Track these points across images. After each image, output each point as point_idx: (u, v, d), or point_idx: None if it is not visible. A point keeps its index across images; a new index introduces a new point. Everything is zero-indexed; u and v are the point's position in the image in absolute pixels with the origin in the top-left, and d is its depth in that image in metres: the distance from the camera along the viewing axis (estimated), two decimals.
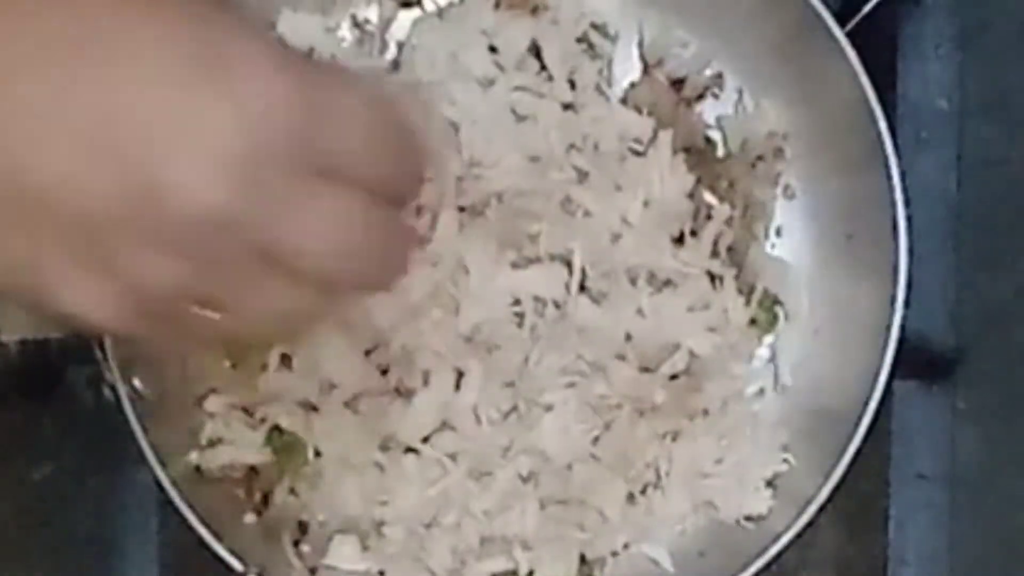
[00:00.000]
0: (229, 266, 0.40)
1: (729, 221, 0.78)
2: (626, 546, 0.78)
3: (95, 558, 0.79)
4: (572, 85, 0.77)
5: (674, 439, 0.76)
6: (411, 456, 0.76)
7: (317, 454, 0.76)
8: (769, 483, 0.77)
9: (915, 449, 0.79)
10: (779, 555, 0.73)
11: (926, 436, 0.79)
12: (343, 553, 0.76)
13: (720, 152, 0.79)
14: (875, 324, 0.73)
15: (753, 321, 0.78)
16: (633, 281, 0.75)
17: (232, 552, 0.73)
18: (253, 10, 0.76)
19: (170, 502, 0.72)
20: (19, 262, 0.39)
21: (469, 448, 0.75)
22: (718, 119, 0.79)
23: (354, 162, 0.42)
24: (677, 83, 0.79)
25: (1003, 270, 0.79)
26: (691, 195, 0.77)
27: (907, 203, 0.73)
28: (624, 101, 0.78)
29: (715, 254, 0.77)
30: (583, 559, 0.77)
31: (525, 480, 0.76)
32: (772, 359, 0.79)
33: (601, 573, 0.78)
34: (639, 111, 0.78)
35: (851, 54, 0.73)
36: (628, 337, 0.76)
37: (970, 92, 0.79)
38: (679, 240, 0.77)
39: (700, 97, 0.79)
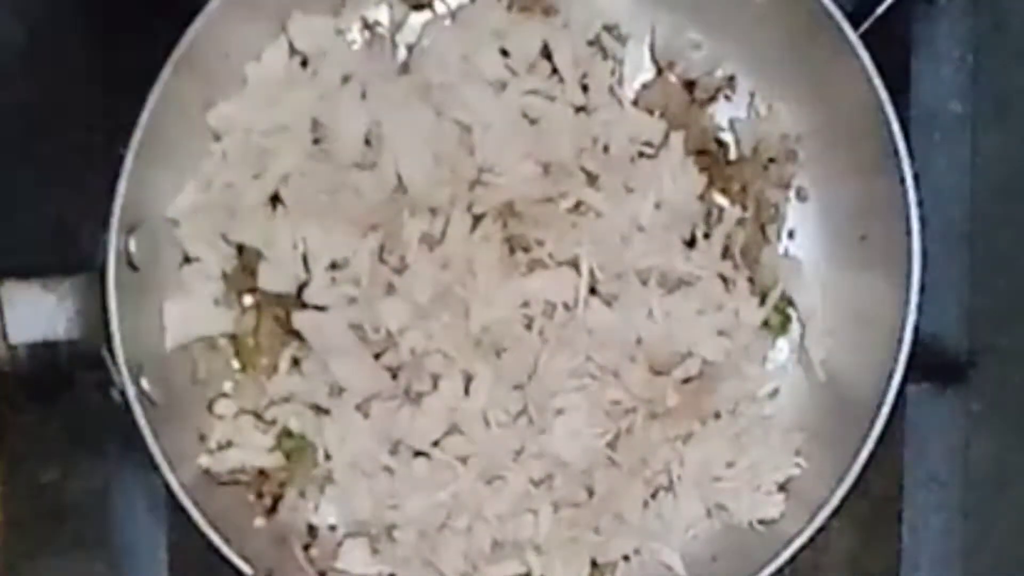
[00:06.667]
0: None
1: (741, 223, 0.78)
2: (637, 551, 0.77)
3: (104, 561, 0.79)
4: (584, 88, 0.77)
5: (686, 442, 0.76)
6: (421, 460, 0.75)
7: (327, 457, 0.76)
8: (782, 487, 0.77)
9: (929, 452, 0.79)
10: (792, 559, 0.73)
11: (939, 439, 0.79)
12: (353, 557, 0.76)
13: (732, 154, 0.79)
14: (889, 326, 0.72)
15: (766, 323, 0.78)
16: (644, 283, 0.75)
17: (241, 556, 0.73)
18: (266, 12, 0.76)
19: (179, 506, 0.72)
20: None
21: (479, 452, 0.75)
22: (730, 121, 0.79)
23: None
24: (689, 85, 0.79)
25: (1017, 272, 0.79)
26: (702, 197, 0.77)
27: (920, 205, 0.72)
28: (636, 103, 0.78)
29: (727, 256, 0.77)
30: (594, 563, 0.77)
31: (538, 484, 0.75)
32: (788, 360, 0.79)
33: None
34: (651, 113, 0.77)
35: (864, 56, 0.72)
36: (639, 340, 0.75)
37: (984, 94, 0.79)
38: (690, 242, 0.77)
39: (712, 99, 0.79)
